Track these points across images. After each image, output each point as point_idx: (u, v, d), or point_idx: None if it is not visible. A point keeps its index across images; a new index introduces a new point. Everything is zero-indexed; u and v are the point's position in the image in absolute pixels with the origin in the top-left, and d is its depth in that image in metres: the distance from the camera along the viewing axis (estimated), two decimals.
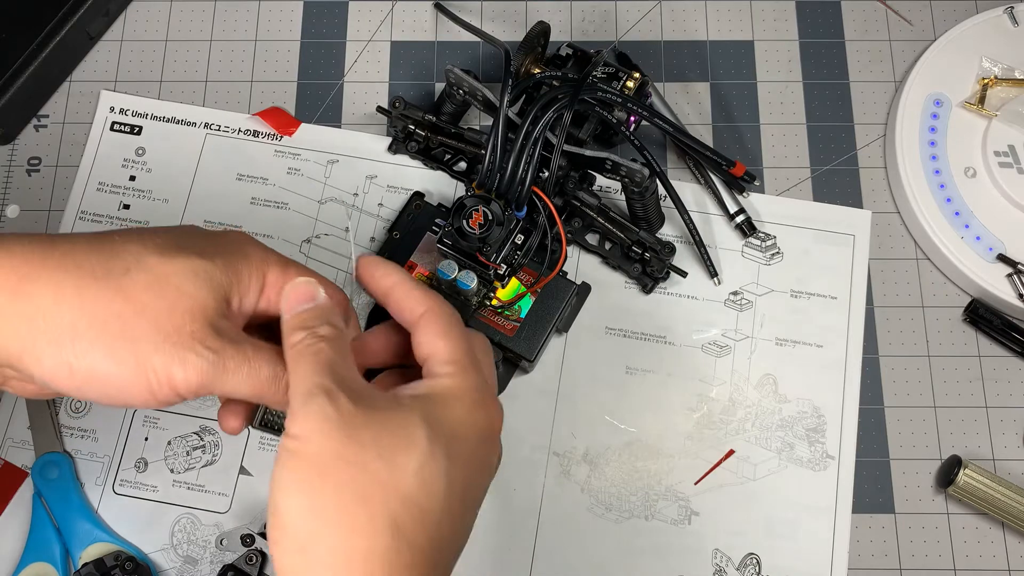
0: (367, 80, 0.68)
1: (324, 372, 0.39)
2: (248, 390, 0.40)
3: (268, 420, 0.48)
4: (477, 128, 0.64)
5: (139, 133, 0.67)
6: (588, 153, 0.58)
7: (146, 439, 0.60)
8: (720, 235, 0.64)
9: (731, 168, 0.61)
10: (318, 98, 0.68)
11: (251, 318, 0.43)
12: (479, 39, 0.65)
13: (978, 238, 0.62)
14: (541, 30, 0.61)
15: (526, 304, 0.59)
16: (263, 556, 0.53)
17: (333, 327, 0.41)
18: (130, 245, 0.40)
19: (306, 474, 0.37)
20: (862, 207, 0.65)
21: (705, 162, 0.64)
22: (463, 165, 0.65)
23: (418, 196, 0.62)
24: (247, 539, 0.53)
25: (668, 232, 0.63)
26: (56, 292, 0.38)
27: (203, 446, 0.60)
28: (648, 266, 0.61)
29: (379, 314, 0.61)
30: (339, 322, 0.42)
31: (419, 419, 0.39)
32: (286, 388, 0.41)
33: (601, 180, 0.64)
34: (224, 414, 0.46)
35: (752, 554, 0.58)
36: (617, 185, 0.64)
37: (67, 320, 0.38)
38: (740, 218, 0.63)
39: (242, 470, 0.59)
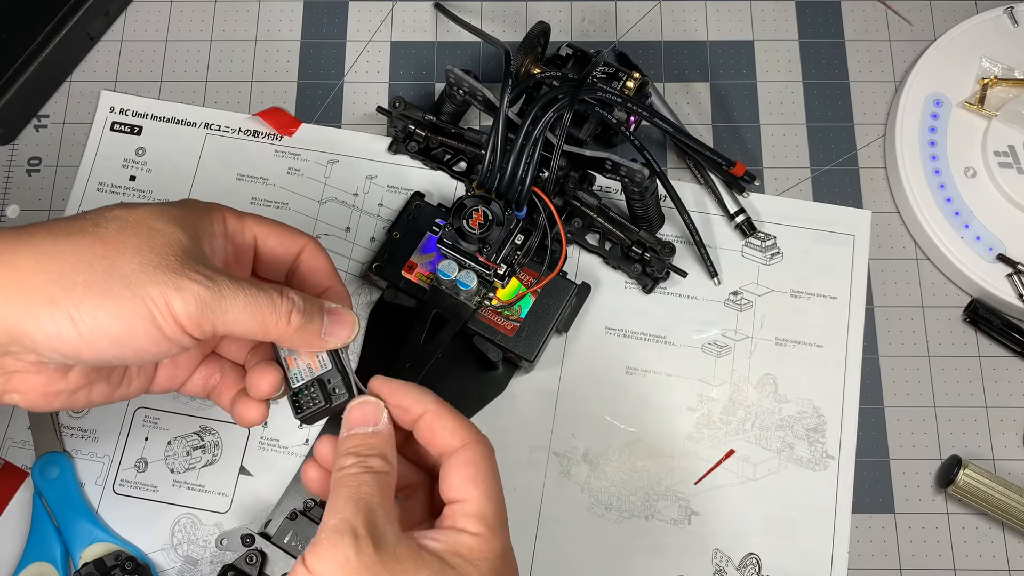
0: (367, 80, 0.68)
1: (359, 510, 0.39)
2: (249, 319, 0.41)
3: (299, 402, 0.47)
4: (477, 128, 0.64)
5: (139, 133, 0.67)
6: (588, 153, 0.58)
7: (146, 439, 0.60)
8: (720, 235, 0.64)
9: (731, 168, 0.61)
10: (318, 98, 0.68)
11: (226, 266, 0.45)
12: (479, 39, 0.64)
13: (978, 238, 0.62)
14: (541, 30, 0.61)
15: (526, 304, 0.59)
16: (263, 556, 0.53)
17: (384, 461, 0.42)
18: (98, 209, 0.42)
19: None
20: (862, 207, 0.65)
21: (705, 162, 0.64)
22: (463, 165, 0.65)
23: (418, 196, 0.62)
24: (247, 539, 0.53)
25: (668, 232, 0.63)
26: (37, 254, 0.39)
27: (203, 446, 0.60)
28: (648, 266, 0.61)
29: (380, 312, 0.61)
30: (392, 455, 0.42)
31: None
32: (288, 316, 0.42)
33: (601, 180, 0.64)
34: (238, 407, 0.46)
35: (752, 554, 0.58)
36: (617, 185, 0.64)
37: (55, 274, 0.39)
38: (740, 218, 0.63)
39: (242, 470, 0.59)
